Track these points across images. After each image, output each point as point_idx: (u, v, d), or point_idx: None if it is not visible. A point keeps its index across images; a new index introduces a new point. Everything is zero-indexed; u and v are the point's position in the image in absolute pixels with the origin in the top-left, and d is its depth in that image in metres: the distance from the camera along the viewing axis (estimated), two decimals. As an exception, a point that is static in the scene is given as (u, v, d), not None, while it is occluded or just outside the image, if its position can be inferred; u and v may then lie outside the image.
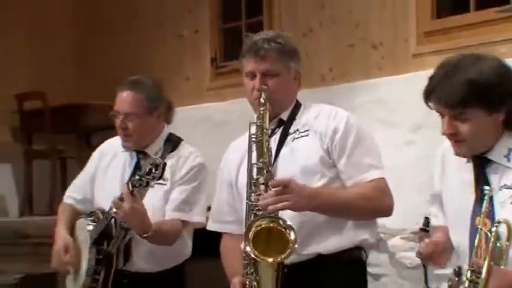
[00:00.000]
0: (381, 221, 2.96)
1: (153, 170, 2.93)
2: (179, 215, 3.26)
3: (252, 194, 2.61)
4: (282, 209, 2.52)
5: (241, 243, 2.73)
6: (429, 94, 2.26)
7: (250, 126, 2.69)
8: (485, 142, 2.27)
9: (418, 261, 3.66)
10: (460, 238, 2.33)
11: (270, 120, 2.72)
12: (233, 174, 2.88)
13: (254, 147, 2.66)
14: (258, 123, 2.66)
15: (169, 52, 6.23)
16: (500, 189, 2.23)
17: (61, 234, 3.40)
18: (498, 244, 2.14)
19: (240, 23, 5.88)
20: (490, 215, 2.20)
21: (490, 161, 2.28)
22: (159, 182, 3.00)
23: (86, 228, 3.30)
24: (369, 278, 3.00)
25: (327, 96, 4.38)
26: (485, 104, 2.20)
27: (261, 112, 2.68)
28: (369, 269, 2.91)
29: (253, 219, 2.55)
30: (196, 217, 3.30)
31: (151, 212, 3.16)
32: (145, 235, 3.10)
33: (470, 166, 2.33)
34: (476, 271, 2.12)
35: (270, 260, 2.48)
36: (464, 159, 2.35)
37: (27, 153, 6.19)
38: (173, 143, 3.38)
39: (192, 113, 5.86)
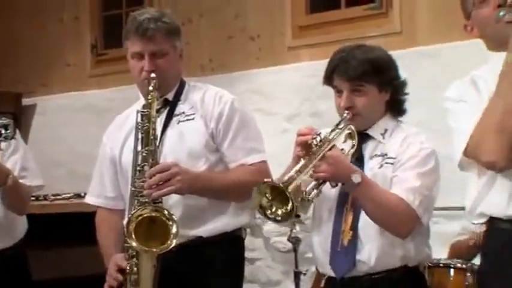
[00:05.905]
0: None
1: (2, 131, 2.85)
2: (21, 182, 3.24)
3: (137, 180, 2.60)
4: (167, 194, 2.56)
5: (119, 217, 2.80)
6: (332, 72, 2.57)
7: (137, 114, 2.66)
8: (373, 118, 2.60)
9: (290, 245, 3.88)
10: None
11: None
12: (116, 151, 2.84)
13: (140, 134, 2.64)
14: (146, 112, 2.63)
15: (50, 37, 6.11)
16: (371, 158, 2.56)
17: None
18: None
19: (121, 11, 5.85)
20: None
21: (368, 136, 2.59)
22: None
23: None
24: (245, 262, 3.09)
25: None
26: (379, 81, 2.55)
27: (149, 101, 2.65)
28: (245, 254, 2.96)
29: (133, 212, 2.54)
30: (35, 180, 3.32)
31: None
32: (8, 183, 3.08)
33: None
34: None
35: (153, 250, 2.50)
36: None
37: None
38: None
39: (74, 100, 5.81)
